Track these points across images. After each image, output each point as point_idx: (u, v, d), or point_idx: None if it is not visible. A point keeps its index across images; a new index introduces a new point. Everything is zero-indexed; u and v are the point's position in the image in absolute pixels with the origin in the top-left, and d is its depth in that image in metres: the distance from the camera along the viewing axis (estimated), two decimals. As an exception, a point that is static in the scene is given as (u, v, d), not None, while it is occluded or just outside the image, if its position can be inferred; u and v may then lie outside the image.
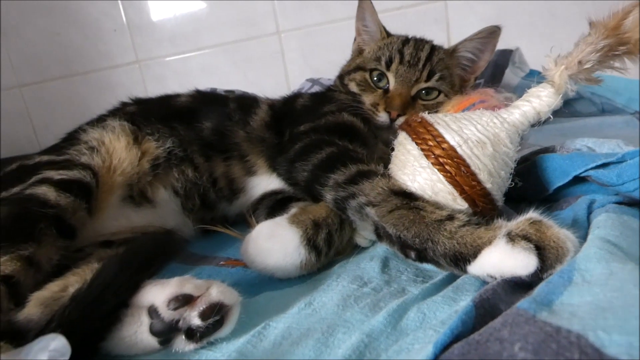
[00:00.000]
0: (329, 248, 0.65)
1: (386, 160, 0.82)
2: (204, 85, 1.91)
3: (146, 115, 0.89)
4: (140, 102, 0.98)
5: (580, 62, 0.62)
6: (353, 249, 0.70)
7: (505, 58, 1.41)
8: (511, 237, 0.48)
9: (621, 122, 1.23)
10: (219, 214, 0.92)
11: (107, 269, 0.51)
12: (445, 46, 0.94)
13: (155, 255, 0.54)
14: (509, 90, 1.44)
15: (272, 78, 2.11)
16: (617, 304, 0.34)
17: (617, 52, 0.63)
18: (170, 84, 2.17)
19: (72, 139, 0.86)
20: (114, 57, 2.16)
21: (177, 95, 0.99)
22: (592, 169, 0.64)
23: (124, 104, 0.98)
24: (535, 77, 1.48)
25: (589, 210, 0.60)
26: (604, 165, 0.63)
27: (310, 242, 0.63)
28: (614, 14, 0.64)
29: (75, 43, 2.12)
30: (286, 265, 0.62)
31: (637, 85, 1.29)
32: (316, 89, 1.68)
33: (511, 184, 0.65)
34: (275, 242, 0.62)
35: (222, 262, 0.76)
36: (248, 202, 0.92)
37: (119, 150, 0.82)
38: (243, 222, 0.94)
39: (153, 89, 2.19)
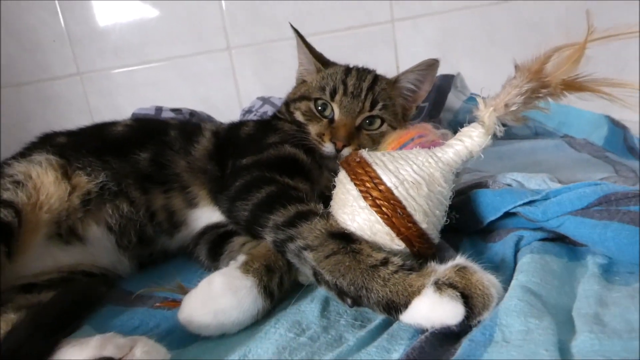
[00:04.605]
0: (280, 291, 0.65)
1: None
2: (152, 99, 1.85)
3: (77, 147, 0.84)
4: (72, 134, 0.91)
5: (506, 105, 0.65)
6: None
7: (447, 82, 1.47)
8: (438, 286, 0.49)
9: (552, 146, 1.32)
10: (158, 249, 0.88)
11: (16, 331, 0.46)
12: (394, 66, 0.95)
13: (73, 309, 0.51)
14: (452, 112, 1.51)
15: (223, 94, 2.07)
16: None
17: (540, 95, 0.67)
18: (116, 98, 2.08)
19: (-7, 171, 0.79)
20: (53, 69, 2.04)
21: (113, 125, 0.93)
22: (520, 205, 0.67)
23: (55, 134, 0.91)
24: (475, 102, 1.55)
25: (516, 248, 0.62)
26: (531, 202, 0.67)
27: (267, 290, 0.62)
28: (537, 58, 0.68)
29: (9, 53, 1.98)
30: (245, 320, 0.60)
31: (566, 110, 1.39)
32: (267, 107, 1.67)
33: (446, 221, 0.67)
34: (234, 298, 0.59)
35: (157, 304, 0.72)
36: (190, 235, 0.88)
37: (46, 185, 0.76)
38: (184, 256, 0.91)
39: (97, 103, 2.09)
